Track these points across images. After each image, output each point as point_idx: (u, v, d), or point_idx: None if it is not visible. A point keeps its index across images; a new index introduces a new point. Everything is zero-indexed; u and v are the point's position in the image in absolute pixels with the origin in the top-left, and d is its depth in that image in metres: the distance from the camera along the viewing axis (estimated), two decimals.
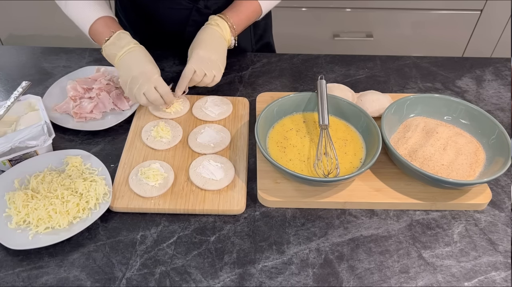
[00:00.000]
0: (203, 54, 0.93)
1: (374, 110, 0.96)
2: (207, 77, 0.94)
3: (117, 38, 0.93)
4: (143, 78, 0.90)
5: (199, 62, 0.93)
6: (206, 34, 0.96)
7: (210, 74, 0.94)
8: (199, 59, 0.93)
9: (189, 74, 0.94)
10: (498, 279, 0.73)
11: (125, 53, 0.92)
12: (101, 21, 0.95)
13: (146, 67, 0.91)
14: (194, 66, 0.93)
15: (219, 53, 0.96)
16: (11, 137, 0.85)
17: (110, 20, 0.96)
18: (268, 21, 1.27)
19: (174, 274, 0.73)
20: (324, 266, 0.74)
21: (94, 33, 0.96)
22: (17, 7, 1.90)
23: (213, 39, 0.96)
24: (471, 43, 1.99)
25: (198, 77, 0.94)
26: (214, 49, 0.95)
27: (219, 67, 0.95)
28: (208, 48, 0.94)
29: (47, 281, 0.72)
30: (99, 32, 0.95)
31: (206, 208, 0.81)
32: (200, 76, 0.93)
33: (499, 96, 1.09)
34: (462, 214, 0.83)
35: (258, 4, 1.02)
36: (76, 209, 0.78)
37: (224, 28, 0.97)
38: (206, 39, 0.95)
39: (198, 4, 1.09)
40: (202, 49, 0.94)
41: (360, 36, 1.96)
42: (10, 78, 1.10)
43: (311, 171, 0.84)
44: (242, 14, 1.00)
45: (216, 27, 0.96)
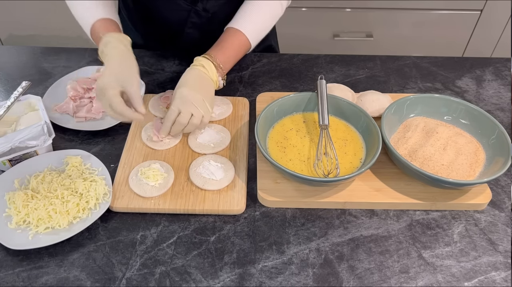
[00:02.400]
0: (187, 93, 0.86)
1: (374, 110, 0.96)
2: (194, 117, 0.86)
3: (104, 43, 0.88)
4: (100, 92, 0.84)
5: (183, 102, 0.86)
6: (191, 76, 0.89)
7: (198, 114, 0.86)
8: (183, 98, 0.86)
9: (172, 116, 0.86)
10: (498, 279, 0.73)
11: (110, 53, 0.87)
12: (101, 23, 0.92)
13: (105, 80, 0.83)
14: (178, 106, 0.86)
15: (205, 93, 0.88)
16: (11, 137, 0.85)
17: (110, 23, 0.93)
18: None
19: (174, 274, 0.73)
20: (324, 266, 0.74)
21: (93, 35, 0.94)
22: (17, 7, 1.90)
23: (198, 80, 0.89)
24: (471, 43, 1.99)
25: (184, 119, 0.86)
26: (200, 88, 0.88)
27: (206, 107, 0.87)
28: (193, 88, 0.87)
29: (47, 281, 0.72)
30: (97, 37, 0.92)
31: (206, 208, 0.81)
32: (186, 118, 0.86)
33: (499, 96, 1.09)
34: (462, 214, 0.83)
35: (245, 38, 0.96)
36: (76, 209, 0.78)
37: (210, 69, 0.90)
38: (192, 80, 0.89)
39: (196, 6, 1.08)
40: (186, 88, 0.86)
41: (360, 36, 1.96)
42: (10, 78, 1.10)
43: (311, 171, 0.84)
44: (229, 51, 0.94)
45: (201, 67, 0.90)
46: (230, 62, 0.95)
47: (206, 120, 0.88)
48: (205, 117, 0.88)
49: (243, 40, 0.96)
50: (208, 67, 0.90)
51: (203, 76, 0.90)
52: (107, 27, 0.92)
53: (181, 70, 1.14)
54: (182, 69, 1.14)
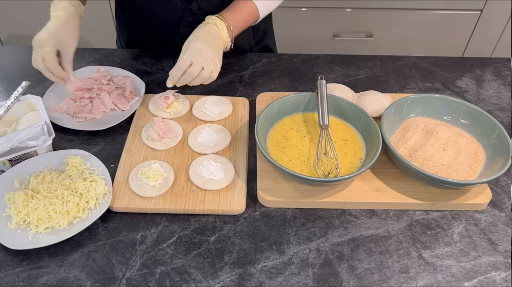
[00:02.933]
0: (201, 46, 0.88)
1: (374, 110, 0.96)
2: (204, 71, 0.88)
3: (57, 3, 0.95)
4: (36, 43, 0.90)
5: (197, 54, 0.88)
6: (203, 31, 0.92)
7: (208, 68, 0.89)
8: (196, 51, 0.88)
9: (184, 66, 0.88)
10: (498, 279, 0.73)
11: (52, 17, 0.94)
12: None
13: (43, 35, 0.91)
14: (191, 57, 0.88)
15: (217, 49, 0.91)
16: (11, 137, 0.85)
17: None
18: (268, 24, 1.27)
19: (174, 274, 0.73)
20: (324, 266, 0.74)
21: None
22: (17, 7, 1.90)
23: (211, 36, 0.92)
24: (471, 43, 1.99)
25: (195, 70, 0.88)
26: (210, 43, 0.90)
27: (216, 63, 0.90)
28: (206, 42, 0.90)
29: (47, 281, 0.72)
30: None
31: (206, 208, 0.81)
32: (197, 69, 0.88)
33: (499, 96, 1.09)
34: (462, 214, 0.83)
35: (255, 7, 1.00)
36: (76, 209, 0.78)
37: (222, 28, 0.94)
38: (204, 35, 0.92)
39: (191, 5, 1.08)
40: (200, 42, 0.89)
41: (360, 36, 1.96)
42: (10, 78, 1.10)
43: (311, 171, 0.84)
44: (240, 16, 0.98)
45: (213, 26, 0.93)
46: (240, 26, 0.98)
47: (214, 75, 0.90)
48: (214, 72, 0.90)
49: (253, 9, 1.00)
50: (221, 26, 0.93)
51: (215, 34, 0.92)
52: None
53: None
54: None
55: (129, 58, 1.17)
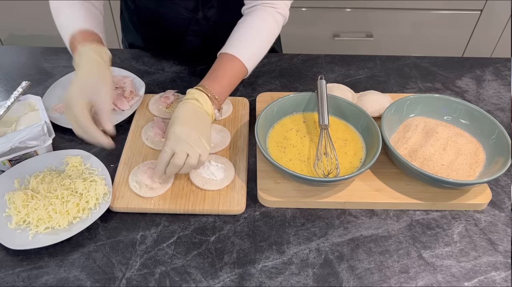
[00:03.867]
0: (180, 131, 0.78)
1: (374, 110, 0.96)
2: (190, 157, 0.78)
3: (79, 54, 0.83)
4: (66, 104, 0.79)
5: (177, 142, 0.78)
6: (182, 111, 0.81)
7: (194, 154, 0.78)
8: (176, 138, 0.78)
9: (166, 158, 0.78)
10: (498, 279, 0.73)
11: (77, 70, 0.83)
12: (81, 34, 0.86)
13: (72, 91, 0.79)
14: (172, 146, 0.78)
15: (201, 129, 0.80)
16: (11, 137, 0.85)
17: (90, 34, 0.87)
18: None
19: (174, 274, 0.73)
20: (324, 266, 0.74)
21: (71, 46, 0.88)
22: (17, 7, 1.90)
23: (192, 115, 0.81)
24: (471, 43, 1.99)
25: (180, 160, 0.77)
26: (194, 124, 0.80)
27: (203, 145, 0.79)
28: (187, 125, 0.79)
29: (47, 281, 0.72)
30: (74, 47, 0.86)
31: (206, 208, 0.81)
32: (181, 159, 0.77)
33: (499, 96, 1.09)
34: (462, 214, 0.83)
35: (242, 65, 0.88)
36: (76, 209, 0.78)
37: (204, 102, 0.83)
38: (183, 116, 0.81)
39: (197, 15, 1.08)
40: (179, 126, 0.79)
41: (360, 36, 1.96)
42: (10, 78, 1.10)
43: (311, 171, 0.84)
44: (225, 80, 0.86)
45: (195, 101, 0.83)
46: (226, 92, 0.88)
47: (203, 159, 0.80)
48: (202, 155, 0.79)
49: (239, 67, 0.88)
50: (203, 100, 0.83)
51: (197, 111, 0.82)
52: (86, 38, 0.86)
53: (181, 70, 1.14)
54: (182, 69, 1.14)
55: (129, 58, 1.17)
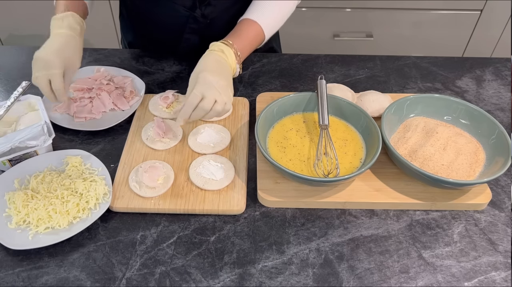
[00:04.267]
0: (211, 78, 0.82)
1: (374, 110, 0.96)
2: (218, 104, 0.82)
3: (64, 16, 0.91)
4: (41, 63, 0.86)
5: (208, 87, 0.81)
6: (211, 60, 0.86)
7: (221, 101, 0.82)
8: (207, 83, 0.81)
9: (195, 101, 0.81)
10: (498, 279, 0.73)
11: (56, 34, 0.90)
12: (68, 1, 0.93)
13: (49, 56, 0.86)
14: (202, 91, 0.81)
15: (228, 78, 0.85)
16: (11, 137, 0.85)
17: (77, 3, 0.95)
18: None
19: (174, 274, 0.73)
20: (324, 266, 0.74)
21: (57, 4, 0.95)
22: (17, 7, 1.90)
23: (220, 65, 0.86)
24: (471, 43, 1.99)
25: (208, 104, 0.81)
26: (220, 73, 0.84)
27: (229, 94, 0.84)
28: (216, 73, 0.83)
29: (47, 281, 0.72)
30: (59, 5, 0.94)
31: (206, 208, 0.81)
32: (210, 103, 0.81)
33: (499, 96, 1.09)
34: (462, 214, 0.83)
35: (261, 29, 0.94)
36: (76, 209, 0.78)
37: (229, 55, 0.88)
38: (212, 65, 0.85)
39: (194, 12, 1.08)
40: (210, 73, 0.82)
41: (360, 36, 1.96)
42: (10, 78, 1.10)
43: (311, 171, 0.84)
44: (246, 40, 0.92)
45: (220, 53, 0.87)
46: (247, 51, 0.93)
47: (228, 107, 0.84)
48: (227, 104, 0.84)
49: (258, 31, 0.94)
50: (228, 53, 0.88)
51: (222, 62, 0.87)
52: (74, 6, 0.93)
53: (181, 70, 1.14)
54: (182, 69, 1.14)
55: (129, 58, 1.17)
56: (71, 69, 0.90)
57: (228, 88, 0.84)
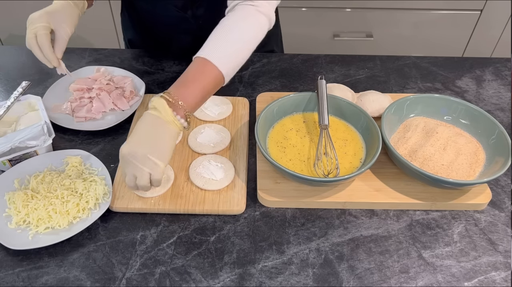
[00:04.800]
0: (126, 151, 0.74)
1: (374, 110, 0.96)
2: (139, 179, 0.74)
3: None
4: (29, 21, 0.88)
5: (125, 163, 0.75)
6: (138, 125, 0.76)
7: (142, 175, 0.74)
8: (123, 159, 0.75)
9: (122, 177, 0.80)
10: (498, 279, 0.73)
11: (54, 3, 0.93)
12: None
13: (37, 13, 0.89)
14: (123, 168, 0.76)
15: (154, 144, 0.74)
16: (11, 137, 0.85)
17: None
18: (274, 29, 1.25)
19: (174, 274, 0.73)
20: (324, 266, 0.74)
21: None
22: (17, 7, 1.90)
23: (148, 128, 0.75)
24: (471, 43, 1.99)
25: (129, 180, 0.75)
26: (146, 140, 0.75)
27: (152, 163, 0.74)
28: (135, 142, 0.74)
29: (47, 281, 0.72)
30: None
31: (206, 208, 0.81)
32: (131, 180, 0.75)
33: (499, 96, 1.09)
34: (462, 214, 0.83)
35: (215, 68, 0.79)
36: (76, 209, 0.78)
37: (163, 110, 0.75)
38: (136, 131, 0.76)
39: (186, 13, 1.08)
40: (126, 145, 0.75)
41: (360, 36, 1.96)
42: (10, 78, 1.10)
43: (311, 171, 0.84)
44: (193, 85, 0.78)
45: (152, 111, 0.76)
46: (196, 97, 0.78)
47: (156, 177, 0.75)
48: (153, 174, 0.74)
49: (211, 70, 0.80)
50: (161, 108, 0.75)
51: (155, 122, 0.75)
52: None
53: (181, 70, 1.13)
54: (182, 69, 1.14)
55: (129, 58, 1.17)
56: (60, 31, 0.90)
57: (150, 157, 0.74)
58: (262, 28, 0.86)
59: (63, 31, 0.90)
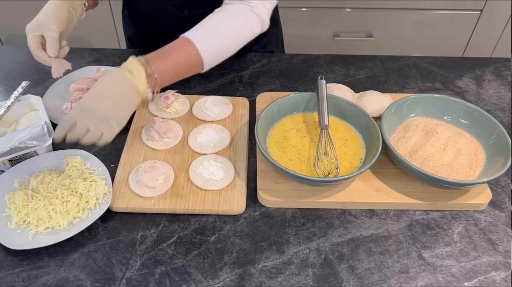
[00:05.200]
0: (90, 104, 0.74)
1: (374, 110, 0.96)
2: (90, 133, 0.75)
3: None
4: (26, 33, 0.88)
5: (82, 114, 0.75)
6: (106, 82, 0.76)
7: (95, 130, 0.75)
8: (83, 110, 0.75)
9: (66, 125, 0.76)
10: (498, 279, 0.73)
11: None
12: None
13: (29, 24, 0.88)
14: (75, 116, 0.75)
15: (115, 107, 0.75)
16: (11, 137, 0.85)
17: None
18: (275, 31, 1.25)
19: (174, 274, 0.73)
20: (324, 266, 0.74)
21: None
22: (17, 7, 1.90)
23: (115, 88, 0.76)
24: (471, 43, 1.99)
25: (79, 132, 0.76)
26: (110, 100, 0.75)
27: (110, 124, 0.74)
28: (101, 98, 0.74)
29: (47, 281, 0.72)
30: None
31: (206, 208, 0.81)
32: (81, 131, 0.75)
33: (499, 96, 1.09)
34: (462, 214, 0.83)
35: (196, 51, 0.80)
36: (76, 209, 0.78)
37: (138, 75, 0.75)
38: (104, 87, 0.75)
39: (183, 13, 1.08)
40: (92, 98, 0.74)
41: (360, 36, 1.96)
42: (10, 78, 1.10)
43: (311, 171, 0.84)
44: (171, 61, 0.79)
45: (127, 73, 0.76)
46: (170, 75, 0.80)
47: (107, 138, 0.76)
48: (106, 135, 0.75)
49: (192, 53, 0.80)
50: (137, 74, 0.75)
51: (123, 84, 0.75)
52: None
53: None
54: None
55: None
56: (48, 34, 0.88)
57: (109, 117, 0.74)
58: (253, 29, 0.87)
59: (49, 32, 0.88)
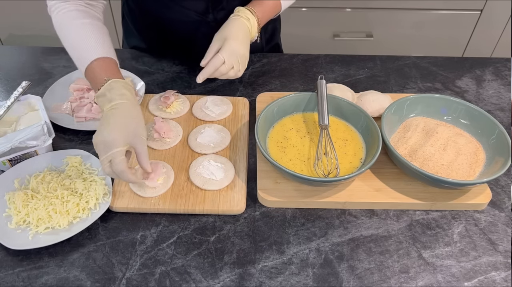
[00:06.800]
0: (235, 46, 0.90)
1: (374, 110, 0.96)
2: (233, 70, 0.91)
3: (107, 88, 0.78)
4: (103, 146, 0.75)
5: (230, 54, 0.90)
6: (237, 27, 0.92)
7: (237, 68, 0.91)
8: (232, 51, 0.90)
9: (217, 64, 0.89)
10: (498, 279, 0.73)
11: (108, 110, 0.77)
12: (100, 62, 0.81)
13: (110, 136, 0.74)
14: (225, 56, 0.89)
15: (247, 48, 0.93)
16: (11, 137, 0.85)
17: (108, 62, 0.82)
18: (277, 24, 1.26)
19: (174, 274, 0.73)
20: (324, 266, 0.74)
21: (89, 76, 0.82)
22: (17, 7, 1.90)
23: (244, 33, 0.93)
24: (471, 43, 1.99)
25: (226, 69, 0.90)
26: (244, 43, 0.92)
27: (245, 63, 0.93)
28: (240, 41, 0.91)
29: (47, 281, 0.72)
30: (94, 77, 0.81)
31: (206, 208, 0.81)
32: (227, 68, 0.90)
33: (499, 96, 1.09)
34: (462, 214, 0.83)
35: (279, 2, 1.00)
36: (76, 209, 0.78)
37: (253, 23, 0.94)
38: (238, 32, 0.92)
39: (207, 17, 1.07)
40: (235, 41, 0.90)
41: (360, 36, 1.96)
42: (10, 78, 1.10)
43: (311, 171, 0.84)
44: (266, 8, 0.97)
45: (246, 20, 0.93)
46: (264, 20, 0.98)
47: (240, 74, 0.93)
48: (240, 71, 0.92)
49: (277, 3, 1.00)
50: (252, 22, 0.94)
51: (246, 30, 0.93)
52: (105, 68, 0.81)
53: (181, 70, 1.14)
54: (182, 69, 1.14)
55: (129, 58, 1.17)
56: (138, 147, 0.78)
57: (246, 57, 0.92)
58: None
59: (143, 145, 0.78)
